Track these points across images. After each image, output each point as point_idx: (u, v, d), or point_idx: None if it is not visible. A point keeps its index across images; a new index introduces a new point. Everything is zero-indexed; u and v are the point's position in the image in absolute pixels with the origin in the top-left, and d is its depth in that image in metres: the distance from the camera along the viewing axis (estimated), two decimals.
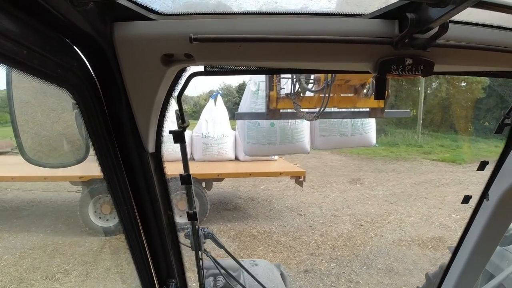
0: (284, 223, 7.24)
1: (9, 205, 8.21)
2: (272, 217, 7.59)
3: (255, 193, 9.59)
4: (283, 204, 8.53)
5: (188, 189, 1.25)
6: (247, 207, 8.31)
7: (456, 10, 0.57)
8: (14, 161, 8.11)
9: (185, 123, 1.01)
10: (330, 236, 6.57)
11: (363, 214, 7.79)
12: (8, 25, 0.49)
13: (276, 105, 3.90)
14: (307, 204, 8.57)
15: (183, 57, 0.75)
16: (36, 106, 0.86)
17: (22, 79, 0.78)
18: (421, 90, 22.22)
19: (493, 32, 0.78)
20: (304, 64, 0.81)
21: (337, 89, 3.68)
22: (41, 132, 0.88)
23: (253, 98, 5.04)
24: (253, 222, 7.29)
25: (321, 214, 7.82)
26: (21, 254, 5.72)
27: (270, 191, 9.76)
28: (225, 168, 7.33)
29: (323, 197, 9.17)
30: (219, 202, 8.63)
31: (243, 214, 7.84)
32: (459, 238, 1.59)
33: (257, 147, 5.05)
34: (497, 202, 1.38)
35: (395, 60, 0.72)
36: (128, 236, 1.05)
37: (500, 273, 2.46)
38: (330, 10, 0.80)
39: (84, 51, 0.71)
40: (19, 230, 6.77)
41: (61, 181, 7.29)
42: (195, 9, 0.78)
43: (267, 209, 8.15)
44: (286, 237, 6.48)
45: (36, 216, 7.46)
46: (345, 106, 3.92)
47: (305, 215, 7.73)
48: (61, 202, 8.22)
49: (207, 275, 2.17)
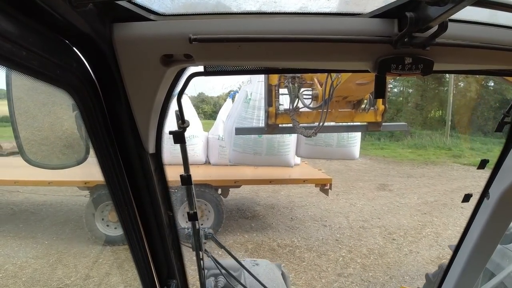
0: (308, 235, 6.55)
1: (19, 208, 7.88)
2: (294, 228, 6.90)
3: (275, 199, 8.86)
4: (306, 213, 7.80)
5: (188, 190, 1.23)
6: (266, 216, 7.61)
7: (455, 8, 0.57)
8: (18, 163, 7.74)
9: (185, 124, 1.00)
10: (359, 252, 5.86)
11: (394, 226, 7.03)
12: (7, 27, 0.49)
13: (275, 120, 3.97)
14: (332, 213, 7.81)
15: (183, 57, 0.76)
16: (35, 107, 0.86)
17: (22, 81, 0.78)
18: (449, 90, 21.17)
19: (492, 30, 0.78)
20: (303, 63, 0.82)
21: (335, 105, 3.71)
22: (41, 133, 0.88)
23: (243, 106, 5.06)
24: (273, 233, 6.63)
25: (348, 225, 7.07)
26: (22, 264, 5.40)
27: (291, 197, 9.00)
28: (243, 173, 6.72)
29: (349, 205, 8.39)
30: (237, 209, 7.97)
31: (262, 223, 7.15)
32: (460, 237, 1.59)
33: (242, 156, 5.15)
34: (497, 201, 1.38)
35: (395, 59, 0.72)
36: (128, 236, 1.05)
37: (501, 272, 2.48)
38: (329, 10, 0.80)
39: (84, 52, 0.71)
40: (24, 236, 6.47)
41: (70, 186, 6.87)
42: (194, 9, 0.78)
43: (288, 218, 7.45)
44: (310, 253, 5.80)
45: (44, 221, 7.09)
46: (343, 121, 3.95)
47: (330, 226, 7.00)
48: (71, 206, 7.82)
49: (208, 275, 2.15)
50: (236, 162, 5.42)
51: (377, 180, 11.25)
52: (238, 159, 5.31)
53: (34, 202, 8.09)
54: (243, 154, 5.18)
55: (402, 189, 10.05)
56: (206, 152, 7.38)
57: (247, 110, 5.13)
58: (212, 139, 7.26)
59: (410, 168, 13.66)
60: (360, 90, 3.31)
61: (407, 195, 9.37)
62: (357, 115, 3.87)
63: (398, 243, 6.25)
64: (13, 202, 8.18)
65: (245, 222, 7.20)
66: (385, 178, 11.64)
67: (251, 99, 5.11)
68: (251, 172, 6.81)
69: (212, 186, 6.07)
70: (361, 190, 9.90)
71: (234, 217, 7.39)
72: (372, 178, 11.49)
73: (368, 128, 4.08)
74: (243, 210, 7.90)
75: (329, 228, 6.89)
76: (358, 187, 10.24)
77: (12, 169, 7.46)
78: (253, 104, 5.07)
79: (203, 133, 7.44)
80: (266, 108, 3.97)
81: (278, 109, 3.97)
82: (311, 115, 3.87)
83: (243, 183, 6.50)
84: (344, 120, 3.94)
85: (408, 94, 25.61)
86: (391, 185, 10.56)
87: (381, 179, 11.44)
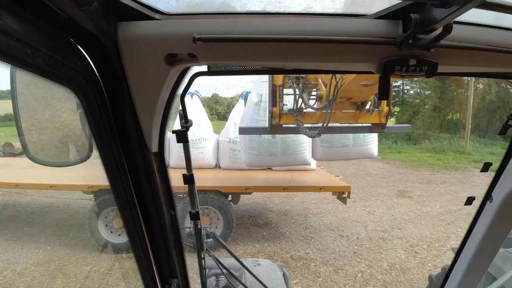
0: (323, 246, 6.06)
1: (24, 210, 7.68)
2: (308, 238, 6.41)
3: (289, 205, 8.33)
4: (321, 221, 7.28)
5: (191, 189, 1.21)
6: (279, 224, 7.14)
7: (460, 10, 0.57)
8: (20, 165, 7.54)
9: (188, 123, 0.99)
10: (380, 267, 5.37)
11: (417, 238, 6.51)
12: (12, 25, 0.50)
13: (279, 120, 3.97)
14: (349, 222, 7.28)
15: (187, 57, 0.76)
16: (39, 105, 0.86)
17: (26, 78, 0.79)
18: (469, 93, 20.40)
19: (497, 33, 0.78)
20: (307, 64, 0.81)
21: (339, 106, 3.67)
22: (44, 131, 0.88)
23: (255, 109, 5.05)
24: (286, 243, 6.17)
25: (367, 235, 6.56)
26: (22, 271, 5.18)
27: (306, 203, 8.45)
28: (255, 179, 6.26)
29: (367, 214, 7.82)
30: (248, 215, 7.53)
31: (275, 232, 6.69)
32: (462, 239, 1.58)
33: (258, 158, 5.09)
34: (500, 204, 1.37)
35: (399, 61, 0.72)
36: (130, 235, 1.05)
37: (502, 276, 2.45)
38: (334, 10, 0.79)
39: (88, 50, 0.72)
40: (27, 241, 6.26)
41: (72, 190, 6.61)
42: (199, 9, 0.78)
43: (302, 227, 6.96)
44: (326, 267, 5.33)
45: (48, 225, 6.84)
46: (347, 122, 3.92)
47: (348, 236, 6.50)
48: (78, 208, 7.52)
49: (209, 275, 2.15)
50: (252, 165, 5.32)
51: (395, 186, 10.63)
52: (254, 162, 5.21)
53: (40, 203, 7.92)
54: (259, 157, 5.09)
55: (423, 196, 9.42)
56: (217, 156, 7.05)
57: (259, 112, 5.09)
58: (223, 142, 6.89)
59: (429, 173, 12.92)
60: (365, 91, 3.27)
61: (428, 203, 8.78)
62: (361, 116, 3.84)
63: (422, 257, 5.73)
64: (20, 203, 8.03)
65: (257, 230, 6.78)
66: (404, 184, 11.00)
67: (262, 101, 5.07)
68: (263, 178, 6.40)
69: (221, 192, 5.71)
70: (379, 196, 9.32)
71: (245, 225, 6.99)
72: (391, 184, 10.87)
73: (372, 129, 4.09)
74: (255, 217, 7.47)
75: (346, 238, 6.41)
76: (376, 193, 9.65)
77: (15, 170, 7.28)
78: (264, 106, 5.00)
79: (213, 135, 7.09)
80: (270, 108, 3.97)
81: (282, 109, 3.96)
82: (315, 116, 3.85)
83: (255, 190, 6.09)
84: (348, 121, 3.91)
85: (425, 96, 24.83)
86: (411, 191, 9.95)
87: (400, 185, 10.81)
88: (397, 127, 4.99)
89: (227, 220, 5.69)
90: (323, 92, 3.61)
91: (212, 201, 5.60)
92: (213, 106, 37.47)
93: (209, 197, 5.57)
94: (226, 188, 5.82)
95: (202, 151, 6.73)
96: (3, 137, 13.24)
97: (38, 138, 0.89)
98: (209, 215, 5.73)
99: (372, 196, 9.31)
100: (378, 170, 12.99)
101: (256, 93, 5.26)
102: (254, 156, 5.16)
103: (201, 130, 6.80)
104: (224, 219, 5.69)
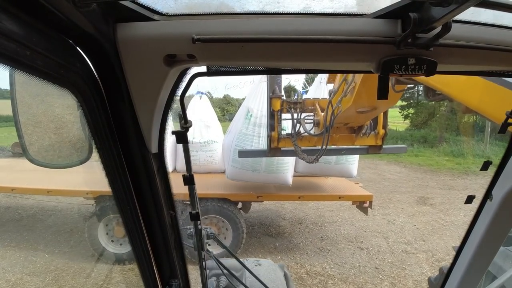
0: (341, 260, 5.56)
1: (26, 214, 7.42)
2: (325, 250, 5.92)
3: (303, 212, 7.84)
4: (338, 231, 6.80)
5: (191, 190, 1.19)
6: (293, 233, 6.68)
7: (459, 9, 0.57)
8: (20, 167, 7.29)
9: (188, 124, 0.99)
10: (404, 285, 4.90)
11: (443, 251, 5.96)
12: (11, 26, 0.50)
13: (277, 144, 4.06)
14: (369, 232, 6.76)
15: (186, 57, 0.76)
16: (39, 106, 0.85)
17: (25, 80, 0.78)
18: None
19: (496, 31, 0.78)
20: (306, 64, 0.81)
21: (336, 130, 3.72)
22: (44, 132, 0.88)
23: (244, 122, 5.11)
24: (301, 256, 5.69)
25: (388, 248, 6.04)
26: (16, 281, 4.92)
27: (321, 210, 7.97)
28: (267, 186, 5.71)
29: (388, 223, 7.30)
30: (259, 223, 7.10)
31: (288, 243, 6.22)
32: (462, 238, 1.57)
33: (240, 172, 5.11)
34: (500, 202, 1.37)
35: (398, 60, 0.72)
36: (131, 236, 1.05)
37: (503, 274, 2.42)
38: (333, 10, 0.78)
39: (87, 52, 0.72)
40: (25, 247, 6.03)
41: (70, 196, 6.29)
42: (198, 9, 0.78)
43: (318, 237, 6.48)
44: (346, 285, 4.83)
45: (49, 230, 6.57)
46: (344, 144, 3.98)
47: (368, 249, 6.00)
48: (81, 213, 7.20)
49: (209, 275, 2.15)
50: (233, 178, 5.31)
51: (415, 192, 10.07)
52: (236, 176, 5.23)
53: (44, 207, 7.67)
54: (241, 171, 5.13)
55: (445, 204, 8.84)
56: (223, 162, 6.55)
57: (248, 127, 5.12)
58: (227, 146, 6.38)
59: (450, 178, 12.25)
60: (361, 117, 3.25)
61: (451, 212, 8.20)
62: (358, 139, 3.89)
63: None
64: (23, 206, 7.80)
65: (269, 240, 6.33)
66: (424, 189, 10.42)
67: (252, 115, 5.12)
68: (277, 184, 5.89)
69: (231, 201, 5.26)
70: (399, 204, 8.80)
71: (256, 234, 6.55)
72: (410, 190, 10.33)
73: (369, 151, 4.15)
74: (266, 225, 7.02)
75: (366, 251, 5.91)
76: (395, 200, 9.12)
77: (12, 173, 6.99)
78: (253, 121, 5.10)
79: (223, 137, 6.66)
80: (268, 132, 4.04)
81: (280, 134, 4.04)
82: (312, 140, 3.92)
83: (267, 198, 5.64)
84: (345, 144, 3.98)
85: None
86: (432, 198, 9.39)
87: (420, 191, 10.26)
88: (393, 148, 4.87)
89: (236, 230, 5.26)
90: (320, 118, 3.68)
91: (220, 210, 5.18)
92: (224, 107, 38.00)
93: (217, 205, 5.13)
94: (236, 196, 5.41)
95: (210, 154, 6.32)
96: (11, 137, 13.15)
97: (37, 140, 0.88)
98: (217, 224, 5.30)
99: (391, 203, 8.77)
100: (395, 175, 12.39)
101: (248, 107, 5.26)
102: (236, 169, 5.16)
103: (210, 132, 6.40)
104: (233, 230, 5.26)
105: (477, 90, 1.75)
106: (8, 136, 13.59)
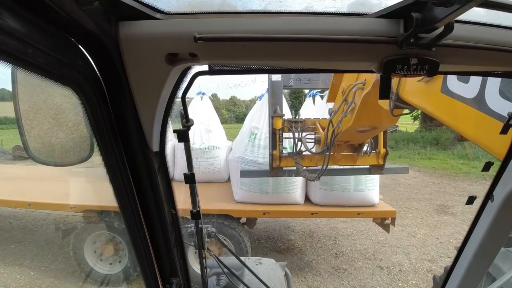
0: (360, 282, 4.87)
1: (17, 223, 6.92)
2: (340, 270, 5.25)
3: (314, 224, 7.15)
4: (354, 246, 6.11)
5: (192, 188, 1.21)
6: (303, 249, 5.98)
7: (462, 9, 0.57)
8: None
9: (189, 122, 0.99)
10: None
11: None
12: (13, 24, 0.49)
13: (279, 163, 4.06)
14: (388, 247, 6.05)
15: (188, 56, 0.75)
16: (40, 104, 0.85)
17: (27, 78, 0.78)
18: None
19: (498, 32, 0.77)
20: (308, 63, 0.81)
21: (337, 148, 3.72)
22: (45, 130, 0.88)
23: (248, 145, 5.12)
24: (313, 277, 5.02)
25: (411, 267, 5.32)
26: None
27: (334, 221, 7.27)
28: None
29: (408, 236, 6.57)
30: (266, 237, 6.45)
31: (299, 261, 5.53)
32: (463, 239, 1.57)
33: (248, 194, 5.02)
34: (501, 203, 1.36)
35: (400, 60, 0.71)
36: (132, 234, 1.05)
37: (502, 276, 2.41)
38: (335, 9, 0.78)
39: (89, 50, 0.71)
40: (10, 262, 5.50)
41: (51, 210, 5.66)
42: (200, 8, 0.78)
43: (331, 254, 5.79)
44: None
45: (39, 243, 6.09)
46: (345, 164, 3.97)
47: (388, 268, 5.29)
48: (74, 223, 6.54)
49: (210, 274, 2.15)
50: (242, 201, 5.14)
51: (433, 199, 9.34)
52: (244, 198, 5.09)
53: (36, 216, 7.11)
54: (249, 193, 5.00)
55: (467, 213, 8.01)
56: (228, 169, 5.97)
57: (252, 149, 5.09)
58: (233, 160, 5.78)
59: (468, 184, 11.43)
60: (361, 136, 3.25)
61: None
62: (359, 158, 3.88)
63: None
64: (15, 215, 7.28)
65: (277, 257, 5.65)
66: (442, 196, 9.66)
67: (256, 138, 5.11)
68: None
69: (232, 217, 4.72)
70: (417, 213, 8.08)
71: (262, 249, 5.92)
72: (427, 197, 9.59)
73: (371, 171, 4.18)
74: (274, 239, 6.38)
75: (386, 271, 5.23)
76: (413, 208, 8.42)
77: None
78: (257, 143, 5.09)
79: (226, 142, 6.07)
80: (270, 151, 4.05)
81: (282, 153, 4.05)
82: (314, 158, 3.92)
83: (275, 215, 5.03)
84: (346, 163, 3.95)
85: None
86: (452, 206, 8.65)
87: (438, 198, 9.50)
88: (396, 168, 4.90)
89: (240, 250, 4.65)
90: (321, 136, 3.70)
91: (221, 228, 4.59)
92: (231, 109, 37.93)
93: (217, 222, 4.57)
94: (239, 213, 4.85)
95: (212, 162, 5.76)
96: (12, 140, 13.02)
97: (39, 138, 0.87)
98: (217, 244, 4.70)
99: (409, 213, 8.08)
100: (410, 180, 11.63)
101: (251, 127, 5.24)
102: (244, 191, 5.04)
103: (212, 137, 5.83)
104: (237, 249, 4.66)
105: (470, 121, 1.72)
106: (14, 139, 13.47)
